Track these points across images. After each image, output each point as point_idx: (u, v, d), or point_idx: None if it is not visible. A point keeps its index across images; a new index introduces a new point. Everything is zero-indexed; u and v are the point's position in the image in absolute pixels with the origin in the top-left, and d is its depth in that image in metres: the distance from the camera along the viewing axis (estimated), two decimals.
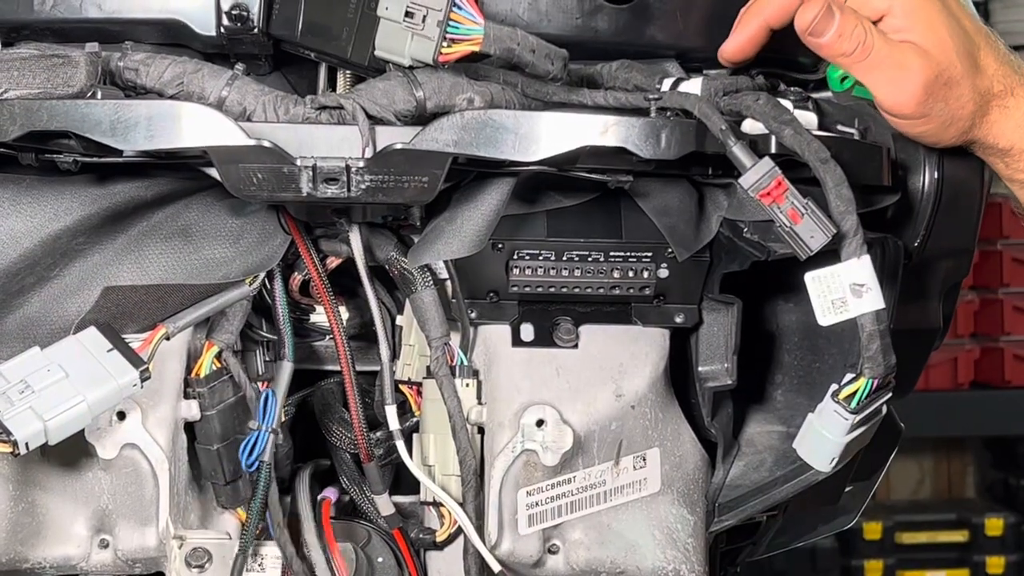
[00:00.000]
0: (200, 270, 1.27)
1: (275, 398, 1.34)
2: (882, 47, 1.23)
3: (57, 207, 1.23)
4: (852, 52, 1.23)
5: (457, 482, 1.36)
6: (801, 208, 1.16)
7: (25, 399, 1.16)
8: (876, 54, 1.23)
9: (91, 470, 1.32)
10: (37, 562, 1.33)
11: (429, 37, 1.16)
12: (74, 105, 1.14)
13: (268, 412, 1.33)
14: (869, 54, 1.23)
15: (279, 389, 1.34)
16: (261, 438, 1.33)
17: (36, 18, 1.24)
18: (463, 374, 1.36)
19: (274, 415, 1.33)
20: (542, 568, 1.37)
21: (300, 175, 1.15)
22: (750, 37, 1.28)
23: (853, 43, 1.23)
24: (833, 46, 1.23)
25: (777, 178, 1.17)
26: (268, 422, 1.33)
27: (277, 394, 1.34)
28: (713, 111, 1.19)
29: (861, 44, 1.23)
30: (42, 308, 1.26)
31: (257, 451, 1.33)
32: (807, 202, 1.17)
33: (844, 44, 1.23)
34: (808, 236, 1.17)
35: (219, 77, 1.21)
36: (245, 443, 1.33)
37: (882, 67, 1.23)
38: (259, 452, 1.33)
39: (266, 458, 1.33)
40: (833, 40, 1.23)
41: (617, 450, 1.36)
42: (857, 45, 1.22)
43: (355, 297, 1.40)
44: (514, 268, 1.33)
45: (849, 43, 1.23)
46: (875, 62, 1.23)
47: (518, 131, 1.17)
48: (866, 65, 1.23)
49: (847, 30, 1.22)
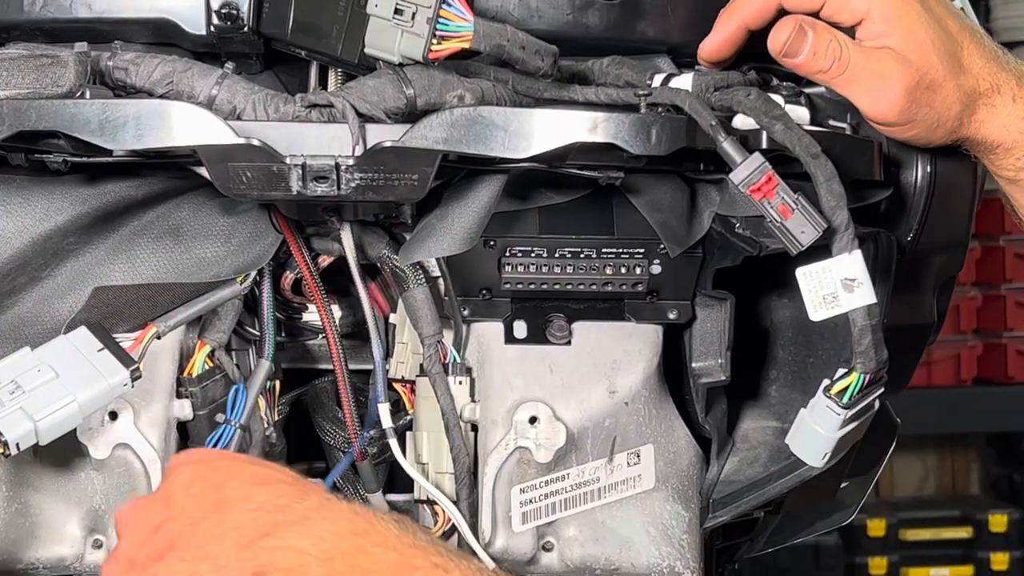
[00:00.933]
0: (191, 269, 1.27)
1: (245, 393, 1.33)
2: (859, 59, 1.22)
3: (47, 207, 1.23)
4: (829, 68, 1.22)
5: (451, 480, 1.36)
6: (791, 203, 1.16)
7: (15, 400, 1.16)
8: (853, 67, 1.22)
9: (84, 470, 1.32)
10: (31, 563, 1.33)
11: (419, 34, 1.16)
12: (63, 105, 1.14)
13: (237, 407, 1.33)
14: (846, 68, 1.22)
15: (253, 386, 1.33)
16: (227, 432, 1.32)
17: (26, 18, 1.24)
18: (456, 372, 1.36)
19: (243, 411, 1.32)
20: (536, 565, 1.36)
21: (290, 173, 1.15)
22: (727, 37, 1.28)
23: (829, 60, 1.22)
24: (809, 64, 1.23)
25: (767, 173, 1.16)
26: (236, 417, 1.32)
27: (250, 390, 1.33)
28: (703, 107, 1.19)
29: (837, 59, 1.22)
30: (33, 308, 1.26)
31: (221, 446, 1.33)
32: (797, 197, 1.16)
33: (819, 62, 1.22)
34: (799, 231, 1.17)
35: (209, 76, 1.21)
36: (210, 438, 1.33)
37: (861, 79, 1.23)
38: (223, 447, 1.32)
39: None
40: (808, 59, 1.22)
41: (611, 447, 1.36)
42: (833, 61, 1.22)
43: (347, 295, 1.40)
44: (506, 265, 1.33)
45: (824, 60, 1.22)
46: (853, 75, 1.22)
47: (508, 128, 1.16)
48: (844, 79, 1.23)
49: (821, 47, 1.22)
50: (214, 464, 1.09)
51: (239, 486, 1.06)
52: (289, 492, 1.05)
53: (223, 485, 1.06)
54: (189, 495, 1.06)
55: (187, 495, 1.06)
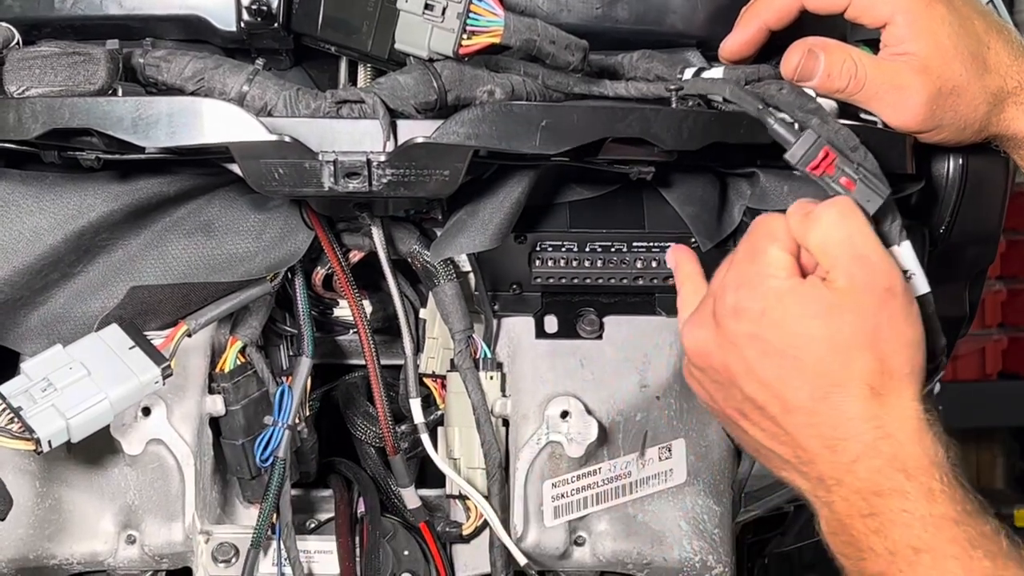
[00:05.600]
0: (222, 266, 1.27)
1: (291, 393, 1.33)
2: (876, 74, 1.21)
3: (80, 204, 1.23)
4: (846, 87, 1.21)
5: (482, 475, 1.36)
6: (853, 174, 1.15)
7: (47, 397, 1.17)
8: (871, 83, 1.21)
9: (117, 466, 1.33)
10: (64, 558, 1.34)
11: (449, 29, 1.16)
12: (95, 102, 1.14)
13: (284, 407, 1.33)
14: (863, 86, 1.21)
15: (296, 385, 1.34)
16: (276, 434, 1.33)
17: (57, 15, 1.24)
18: (487, 367, 1.36)
19: (290, 411, 1.33)
20: (568, 560, 1.37)
21: (322, 170, 1.15)
22: (749, 38, 1.27)
23: (844, 79, 1.21)
24: (824, 86, 1.22)
25: (824, 148, 1.15)
26: (284, 418, 1.33)
27: (294, 390, 1.34)
28: (746, 92, 1.18)
29: (853, 77, 1.21)
30: (65, 305, 1.26)
31: (272, 446, 1.33)
32: (857, 167, 1.15)
33: (835, 82, 1.21)
34: (865, 201, 1.15)
35: (240, 72, 1.21)
36: (260, 438, 1.33)
37: (880, 93, 1.22)
38: (274, 447, 1.33)
39: (280, 454, 1.33)
40: (823, 80, 1.21)
41: (642, 441, 1.36)
42: (849, 80, 1.21)
43: (378, 291, 1.40)
44: (537, 260, 1.33)
45: (840, 80, 1.21)
46: (871, 91, 1.21)
47: (539, 123, 1.16)
48: (863, 95, 1.22)
49: (835, 68, 1.21)
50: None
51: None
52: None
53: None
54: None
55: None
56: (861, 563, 1.07)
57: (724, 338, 1.12)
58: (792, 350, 1.09)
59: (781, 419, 1.10)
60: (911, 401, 1.08)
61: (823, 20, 1.26)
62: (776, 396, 1.10)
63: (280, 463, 1.33)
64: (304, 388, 1.35)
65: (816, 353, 1.08)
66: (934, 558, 1.04)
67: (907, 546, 1.05)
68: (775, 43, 1.28)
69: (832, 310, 1.08)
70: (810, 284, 1.10)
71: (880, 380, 1.08)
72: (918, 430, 1.07)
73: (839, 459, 1.08)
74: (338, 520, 1.40)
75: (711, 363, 1.13)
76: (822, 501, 1.10)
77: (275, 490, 1.33)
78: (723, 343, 1.12)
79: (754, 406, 1.11)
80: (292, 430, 1.34)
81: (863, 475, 1.07)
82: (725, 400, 1.14)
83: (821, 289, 1.09)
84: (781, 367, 1.09)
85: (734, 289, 1.12)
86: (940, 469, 1.06)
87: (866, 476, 1.07)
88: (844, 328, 1.08)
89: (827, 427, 1.08)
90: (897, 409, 1.08)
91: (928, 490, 1.05)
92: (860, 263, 1.10)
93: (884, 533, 1.05)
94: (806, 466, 1.10)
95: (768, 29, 1.27)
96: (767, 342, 1.09)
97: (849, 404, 1.08)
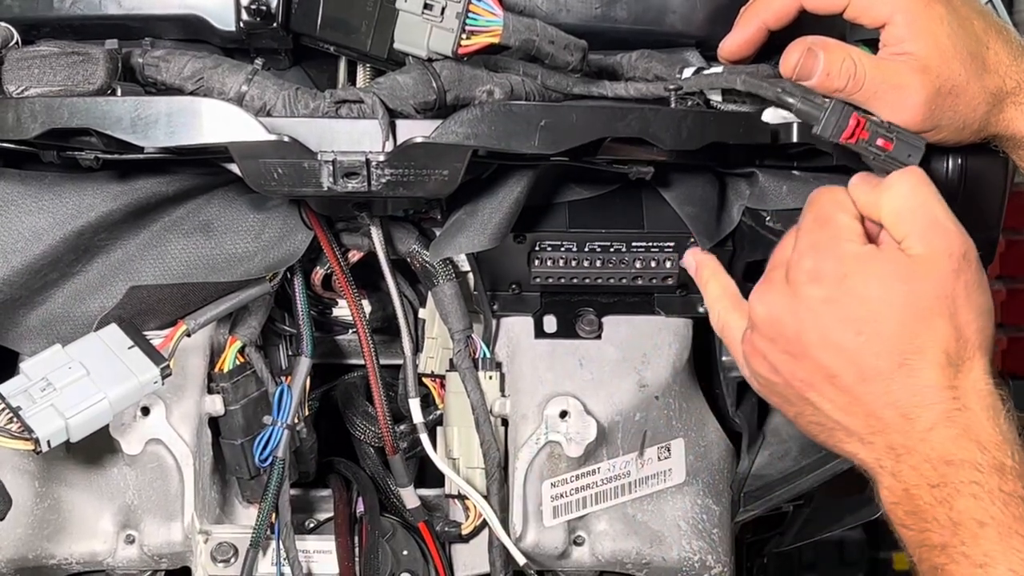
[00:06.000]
0: (221, 265, 1.27)
1: (290, 393, 1.34)
2: (875, 74, 1.21)
3: (79, 203, 1.23)
4: (845, 86, 1.21)
5: (481, 475, 1.36)
6: (887, 133, 1.15)
7: (47, 397, 1.17)
8: (870, 83, 1.21)
9: (116, 466, 1.33)
10: (63, 558, 1.34)
11: (448, 29, 1.16)
12: (95, 102, 1.14)
13: (283, 407, 1.33)
14: (862, 85, 1.21)
15: (295, 384, 1.34)
16: (275, 433, 1.33)
17: (56, 15, 1.24)
18: (486, 366, 1.36)
19: (289, 410, 1.33)
20: (567, 560, 1.37)
21: (321, 170, 1.15)
22: (748, 38, 1.27)
23: (843, 78, 1.21)
24: (823, 85, 1.21)
25: (853, 115, 1.14)
26: (283, 417, 1.33)
27: (294, 389, 1.34)
28: (761, 79, 1.18)
29: (852, 77, 1.21)
30: (64, 304, 1.26)
31: (271, 446, 1.33)
32: (889, 124, 1.15)
33: (834, 81, 1.21)
34: (906, 156, 1.14)
35: (239, 72, 1.21)
36: (259, 438, 1.33)
37: (879, 92, 1.21)
38: (273, 447, 1.33)
39: (280, 454, 1.33)
40: (822, 79, 1.21)
41: (641, 441, 1.36)
42: (848, 79, 1.21)
43: (377, 291, 1.40)
44: (536, 260, 1.33)
45: (839, 79, 1.21)
46: (871, 90, 1.21)
47: (538, 123, 1.16)
48: (862, 95, 1.21)
49: (834, 67, 1.20)
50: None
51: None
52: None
53: None
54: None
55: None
56: (924, 534, 1.06)
57: (800, 304, 1.10)
58: (872, 316, 1.07)
59: (855, 387, 1.09)
60: (983, 374, 1.08)
61: (822, 20, 1.25)
62: (852, 363, 1.08)
63: (279, 463, 1.33)
64: (303, 388, 1.35)
65: (897, 319, 1.07)
66: (999, 533, 1.03)
67: (972, 518, 1.04)
68: (774, 43, 1.27)
69: (912, 276, 1.07)
70: (890, 249, 1.09)
71: (956, 347, 1.07)
72: (991, 406, 1.07)
73: (914, 427, 1.07)
74: (337, 520, 1.40)
75: (783, 331, 1.11)
76: (888, 471, 1.09)
77: (274, 490, 1.33)
78: (798, 309, 1.10)
79: (825, 375, 1.10)
80: (291, 430, 1.34)
81: (936, 443, 1.06)
82: (792, 372, 1.12)
83: (901, 255, 1.08)
84: (860, 333, 1.08)
85: (811, 254, 1.10)
86: (1012, 447, 1.06)
87: (939, 444, 1.06)
88: (924, 295, 1.07)
89: (904, 394, 1.07)
90: (971, 380, 1.07)
91: (1000, 465, 1.05)
92: (937, 230, 1.09)
93: (950, 503, 1.04)
94: (875, 435, 1.09)
95: (767, 29, 1.26)
96: (846, 307, 1.08)
97: (927, 372, 1.07)
